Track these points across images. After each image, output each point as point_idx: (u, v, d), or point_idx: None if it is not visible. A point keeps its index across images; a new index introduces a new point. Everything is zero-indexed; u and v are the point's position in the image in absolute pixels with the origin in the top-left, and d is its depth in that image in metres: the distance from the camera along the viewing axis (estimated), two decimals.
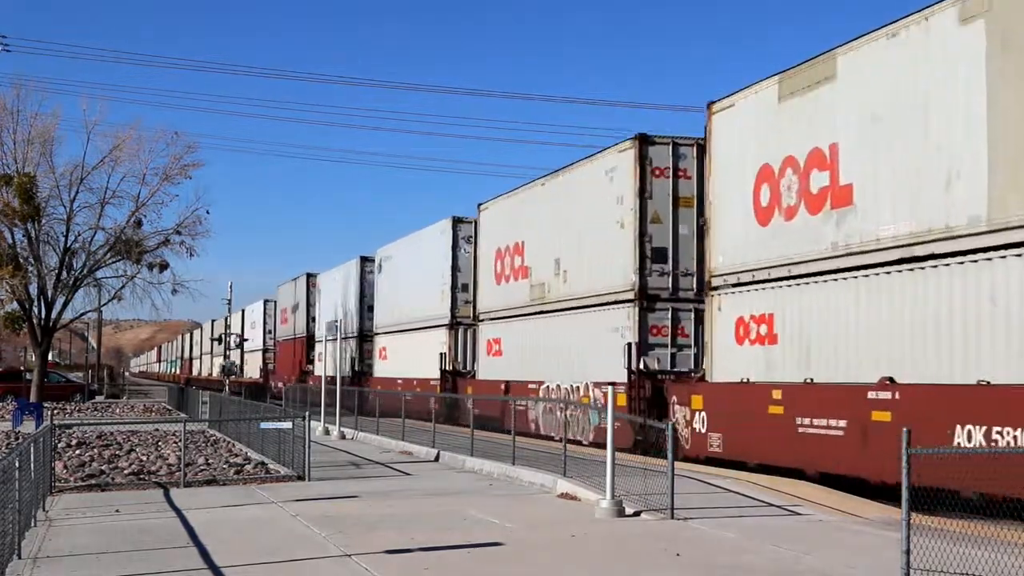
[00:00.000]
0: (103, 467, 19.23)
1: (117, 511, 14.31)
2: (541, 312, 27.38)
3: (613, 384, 14.64)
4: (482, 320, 31.57)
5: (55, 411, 36.84)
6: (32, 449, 12.95)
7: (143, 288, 48.21)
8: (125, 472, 18.59)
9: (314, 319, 51.94)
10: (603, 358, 23.23)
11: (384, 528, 12.62)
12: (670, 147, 22.93)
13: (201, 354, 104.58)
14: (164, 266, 48.10)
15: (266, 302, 66.43)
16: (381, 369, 42.37)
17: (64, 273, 46.12)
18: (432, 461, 21.75)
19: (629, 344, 22.05)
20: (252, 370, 70.86)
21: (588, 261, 24.80)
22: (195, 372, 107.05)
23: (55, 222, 45.83)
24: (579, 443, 21.42)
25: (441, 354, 34.36)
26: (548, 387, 26.15)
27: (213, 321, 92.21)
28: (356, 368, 45.40)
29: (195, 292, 59.73)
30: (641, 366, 21.91)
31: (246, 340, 72.90)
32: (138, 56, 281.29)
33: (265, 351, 66.27)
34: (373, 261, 44.45)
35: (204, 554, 10.93)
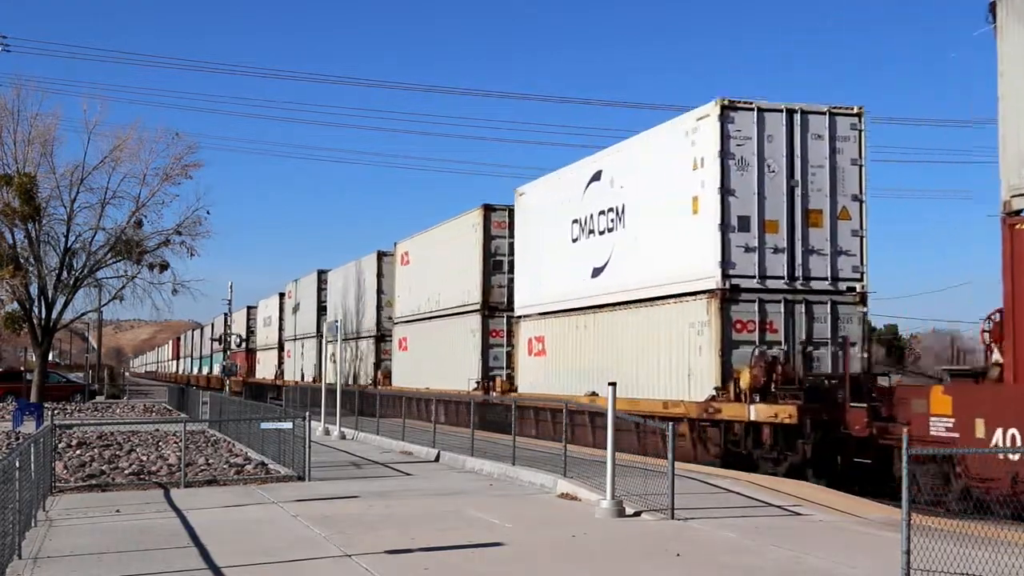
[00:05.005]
0: (103, 467, 19.23)
1: (117, 511, 14.32)
2: None
3: (613, 384, 14.64)
4: None
5: (55, 411, 36.82)
6: (32, 449, 12.96)
7: (143, 288, 48.37)
8: (125, 472, 18.59)
9: None
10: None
11: (384, 528, 12.63)
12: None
13: (275, 345, 63.79)
14: (164, 266, 48.22)
15: (510, 210, 30.59)
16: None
17: (64, 273, 46.19)
18: (432, 461, 21.75)
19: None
20: (433, 373, 34.31)
21: None
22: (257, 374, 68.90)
23: (55, 222, 46.01)
24: None
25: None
26: None
27: (281, 296, 59.57)
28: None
29: (195, 292, 59.21)
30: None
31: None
32: (138, 56, 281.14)
33: (519, 317, 28.92)
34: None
35: (204, 554, 10.94)
